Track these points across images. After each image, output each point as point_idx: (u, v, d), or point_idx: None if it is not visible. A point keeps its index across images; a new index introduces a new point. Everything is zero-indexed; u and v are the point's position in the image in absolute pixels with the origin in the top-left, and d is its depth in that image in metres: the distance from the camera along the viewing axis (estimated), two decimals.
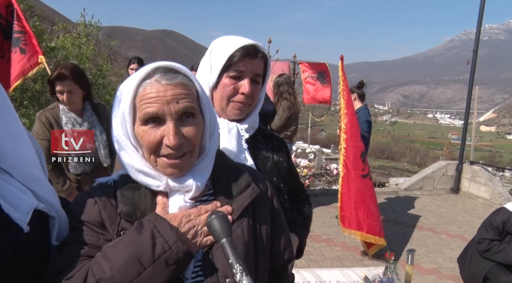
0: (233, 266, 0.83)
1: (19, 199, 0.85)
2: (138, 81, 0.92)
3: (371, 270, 2.79)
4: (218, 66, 1.29)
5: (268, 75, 1.41)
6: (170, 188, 0.97)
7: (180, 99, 0.91)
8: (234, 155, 1.30)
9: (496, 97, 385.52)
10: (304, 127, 19.45)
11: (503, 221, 3.30)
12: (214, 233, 0.89)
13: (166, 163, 0.93)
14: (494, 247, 3.26)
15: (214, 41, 1.37)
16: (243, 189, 1.03)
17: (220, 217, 0.89)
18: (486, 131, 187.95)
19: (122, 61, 36.92)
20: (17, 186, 0.87)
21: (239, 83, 1.31)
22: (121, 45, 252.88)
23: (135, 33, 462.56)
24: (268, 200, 1.13)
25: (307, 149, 11.44)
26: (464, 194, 7.90)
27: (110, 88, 8.42)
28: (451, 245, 5.20)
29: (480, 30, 7.78)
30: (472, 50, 7.80)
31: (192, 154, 0.96)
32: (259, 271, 1.03)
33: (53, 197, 0.96)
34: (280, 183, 1.48)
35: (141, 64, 5.64)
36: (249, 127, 1.39)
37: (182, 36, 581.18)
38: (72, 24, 9.57)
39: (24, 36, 4.11)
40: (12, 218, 0.81)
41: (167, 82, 0.91)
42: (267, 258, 1.08)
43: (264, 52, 1.34)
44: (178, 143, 0.90)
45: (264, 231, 1.06)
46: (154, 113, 0.89)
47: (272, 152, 1.51)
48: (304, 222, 1.61)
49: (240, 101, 1.32)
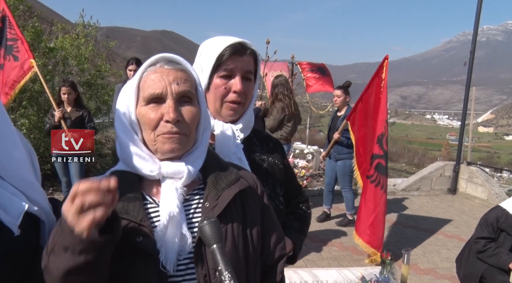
0: (222, 273, 0.85)
1: (11, 202, 0.86)
2: (144, 68, 1.03)
3: (367, 269, 2.82)
4: (208, 67, 1.29)
5: (258, 71, 1.41)
6: (162, 175, 1.01)
7: (180, 82, 1.00)
8: (228, 156, 1.30)
9: (494, 98, 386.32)
10: (302, 128, 19.46)
11: (496, 218, 3.32)
12: (205, 238, 0.90)
13: (165, 138, 0.98)
14: (489, 250, 3.27)
15: (202, 44, 1.37)
16: (231, 182, 1.05)
17: (212, 223, 0.90)
18: (484, 132, 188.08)
19: (121, 61, 36.90)
20: (9, 189, 0.88)
21: (230, 82, 1.30)
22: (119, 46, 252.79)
23: (133, 34, 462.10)
24: (258, 197, 1.14)
25: (305, 150, 11.45)
26: (461, 194, 7.93)
27: (108, 88, 8.41)
28: (448, 246, 5.23)
29: (478, 31, 7.82)
30: (469, 51, 7.84)
31: (188, 139, 1.02)
32: (250, 267, 1.04)
33: (43, 200, 0.97)
34: (276, 186, 1.47)
35: (139, 65, 5.65)
36: (244, 127, 1.37)
37: (180, 37, 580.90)
38: (71, 24, 9.56)
39: (16, 43, 4.16)
40: (3, 221, 0.82)
41: (170, 67, 1.01)
42: (258, 254, 1.09)
43: (252, 48, 1.33)
44: (176, 118, 0.97)
45: (254, 227, 1.07)
46: (157, 93, 0.98)
47: (268, 154, 1.50)
48: (301, 226, 1.58)
49: (233, 100, 1.31)
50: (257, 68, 1.39)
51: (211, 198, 1.01)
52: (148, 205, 1.01)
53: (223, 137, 1.33)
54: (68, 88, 5.14)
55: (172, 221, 0.95)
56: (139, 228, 0.94)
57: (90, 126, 5.21)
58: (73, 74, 7.95)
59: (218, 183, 1.04)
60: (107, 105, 8.24)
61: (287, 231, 1.48)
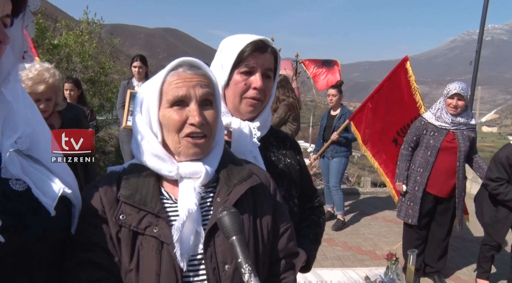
0: (242, 265, 0.83)
1: (48, 185, 0.92)
2: (166, 72, 1.06)
3: (372, 270, 2.80)
4: (229, 64, 1.29)
5: (278, 69, 1.39)
6: (180, 175, 1.03)
7: (203, 86, 1.04)
8: (244, 154, 1.29)
9: (498, 98, 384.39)
10: (305, 127, 19.47)
11: (506, 156, 3.32)
12: (224, 229, 0.89)
13: (189, 142, 1.02)
14: (501, 188, 3.36)
15: (223, 40, 1.37)
16: (244, 179, 1.07)
17: (232, 214, 0.89)
18: (488, 131, 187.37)
19: (124, 58, 36.97)
20: (46, 174, 0.94)
21: (251, 78, 1.29)
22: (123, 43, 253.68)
23: (137, 31, 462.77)
24: (271, 195, 1.14)
25: (308, 149, 11.43)
26: (466, 195, 7.87)
27: (112, 85, 8.41)
28: (453, 246, 5.19)
29: (483, 30, 7.76)
30: (474, 50, 7.77)
31: (210, 140, 1.06)
32: (259, 264, 1.04)
33: (74, 183, 1.02)
34: (291, 187, 1.45)
35: (144, 62, 5.64)
36: (261, 125, 1.35)
37: (184, 35, 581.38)
38: (75, 21, 9.56)
39: None
40: (41, 201, 0.87)
41: (192, 72, 1.05)
42: (268, 251, 1.08)
43: (273, 46, 1.33)
44: (201, 121, 1.00)
45: (265, 223, 1.07)
46: (182, 95, 1.02)
47: (284, 154, 1.48)
48: (315, 235, 1.53)
49: (253, 96, 1.30)
50: (277, 66, 1.38)
51: (222, 194, 1.03)
52: (165, 200, 1.03)
53: (240, 135, 1.32)
54: (71, 84, 5.07)
55: (190, 218, 0.97)
56: (156, 220, 0.96)
57: (92, 125, 5.13)
58: (77, 71, 7.96)
59: (230, 179, 1.06)
60: (110, 102, 8.25)
61: (300, 239, 1.43)
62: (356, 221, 6.07)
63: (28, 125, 0.93)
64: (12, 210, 0.83)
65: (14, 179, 0.87)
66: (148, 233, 0.95)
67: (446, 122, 3.67)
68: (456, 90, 3.59)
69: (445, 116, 3.66)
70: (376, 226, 5.95)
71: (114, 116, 8.68)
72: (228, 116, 1.33)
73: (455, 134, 3.70)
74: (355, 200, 7.25)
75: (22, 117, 0.92)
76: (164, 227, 0.95)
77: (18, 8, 0.84)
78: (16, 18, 0.85)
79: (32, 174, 0.90)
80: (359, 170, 10.72)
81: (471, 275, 4.31)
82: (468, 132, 3.75)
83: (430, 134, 3.73)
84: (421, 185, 3.78)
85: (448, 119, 3.65)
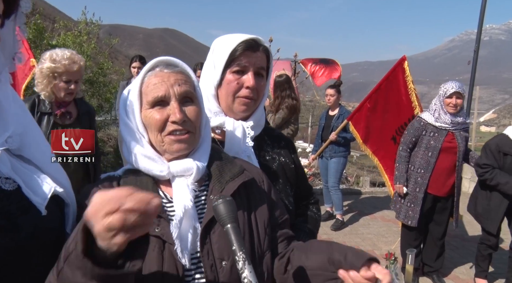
0: (236, 253, 0.83)
1: (39, 184, 0.92)
2: (143, 73, 1.06)
3: None
4: (221, 63, 1.28)
5: (271, 68, 1.39)
6: (172, 174, 1.04)
7: (181, 83, 1.04)
8: (238, 153, 1.28)
9: (496, 98, 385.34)
10: (304, 127, 19.47)
11: (496, 144, 3.44)
12: (219, 217, 0.88)
13: (172, 139, 1.02)
14: (487, 174, 3.50)
15: (215, 40, 1.37)
16: (235, 175, 1.07)
17: (227, 202, 0.89)
18: (486, 131, 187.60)
19: (123, 59, 36.96)
20: (37, 173, 0.94)
21: (243, 77, 1.29)
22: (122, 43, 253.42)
23: (136, 32, 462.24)
24: (265, 192, 1.14)
25: (307, 149, 11.44)
26: (464, 194, 7.84)
27: (110, 86, 8.39)
28: (451, 245, 5.20)
29: (481, 30, 7.77)
30: (472, 50, 7.78)
31: (195, 136, 1.06)
32: (255, 259, 1.04)
33: (66, 182, 1.02)
34: (286, 185, 1.45)
35: (143, 62, 5.66)
36: (255, 124, 1.35)
37: (183, 35, 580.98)
38: (73, 22, 9.54)
39: None
40: (32, 201, 0.87)
41: (169, 70, 1.05)
42: (264, 247, 1.08)
43: (265, 45, 1.33)
44: (182, 118, 1.01)
45: (260, 219, 1.08)
46: (161, 95, 1.02)
47: (279, 153, 1.48)
48: (311, 229, 1.54)
49: (245, 95, 1.30)
50: (269, 65, 1.38)
51: (215, 191, 1.04)
52: (163, 200, 1.03)
53: (234, 135, 1.31)
54: None
55: (187, 215, 0.98)
56: (157, 220, 0.96)
57: None
58: None
59: (222, 176, 1.07)
60: (109, 102, 8.22)
61: (297, 234, 1.42)
62: (355, 221, 6.08)
63: (19, 125, 0.93)
64: (2, 209, 0.82)
65: (3, 178, 0.86)
66: (150, 233, 0.93)
67: (445, 122, 3.68)
68: (455, 88, 3.60)
69: (444, 117, 3.67)
70: (375, 226, 5.95)
71: (113, 117, 8.66)
72: (221, 116, 1.33)
73: (454, 134, 3.72)
74: (354, 200, 7.26)
75: (13, 116, 0.91)
76: (166, 227, 0.95)
77: (9, 9, 0.83)
78: (8, 19, 0.84)
79: (22, 173, 0.90)
80: (358, 170, 10.73)
81: (470, 274, 4.32)
82: (464, 132, 3.81)
83: (430, 135, 3.73)
84: (422, 186, 3.78)
85: (447, 120, 3.66)
